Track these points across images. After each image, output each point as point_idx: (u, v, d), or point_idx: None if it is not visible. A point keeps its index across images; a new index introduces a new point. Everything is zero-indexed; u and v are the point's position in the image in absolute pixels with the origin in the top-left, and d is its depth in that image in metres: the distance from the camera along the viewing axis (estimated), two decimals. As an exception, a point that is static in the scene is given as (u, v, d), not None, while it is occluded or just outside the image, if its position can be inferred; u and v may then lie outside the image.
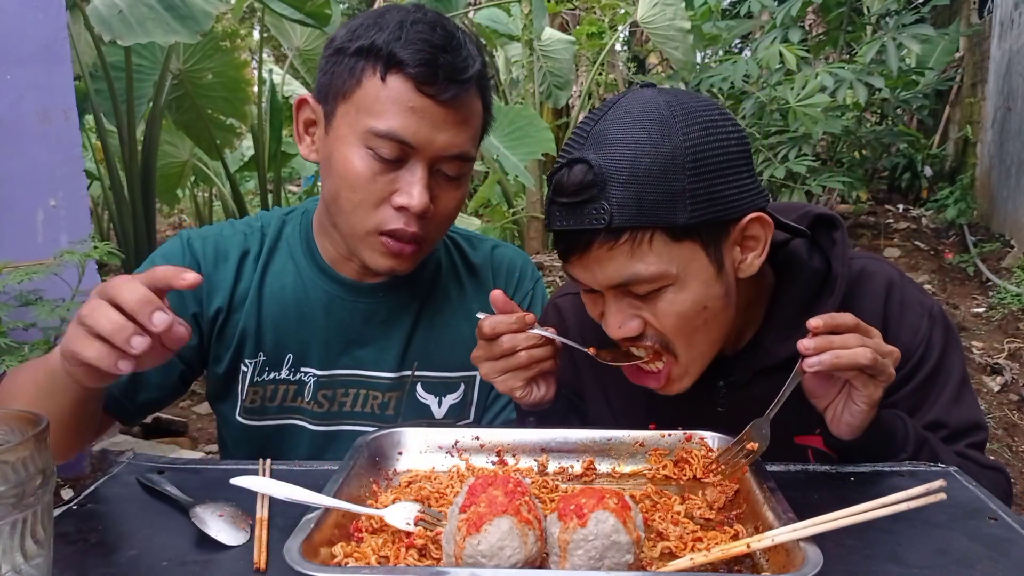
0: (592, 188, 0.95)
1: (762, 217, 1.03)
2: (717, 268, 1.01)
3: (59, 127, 2.61)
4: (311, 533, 0.76)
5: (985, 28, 7.33)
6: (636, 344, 1.05)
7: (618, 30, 7.81)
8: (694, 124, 0.97)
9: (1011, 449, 3.42)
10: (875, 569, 0.79)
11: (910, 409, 1.11)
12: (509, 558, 0.73)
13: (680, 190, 0.95)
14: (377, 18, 1.14)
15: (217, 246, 1.29)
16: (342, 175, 1.14)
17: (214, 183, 6.16)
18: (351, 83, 1.13)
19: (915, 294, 1.15)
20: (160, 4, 3.55)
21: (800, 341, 0.92)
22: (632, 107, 0.99)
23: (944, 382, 1.12)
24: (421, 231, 1.16)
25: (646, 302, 1.01)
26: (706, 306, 1.01)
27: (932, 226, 7.12)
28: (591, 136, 0.98)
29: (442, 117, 1.12)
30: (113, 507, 0.96)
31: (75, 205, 2.67)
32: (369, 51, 1.11)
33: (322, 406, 1.30)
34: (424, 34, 1.11)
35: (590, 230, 0.96)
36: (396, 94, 1.10)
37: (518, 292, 1.40)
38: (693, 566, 0.77)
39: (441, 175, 1.17)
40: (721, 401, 1.16)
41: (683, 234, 0.97)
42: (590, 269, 1.00)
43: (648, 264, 0.97)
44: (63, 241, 2.56)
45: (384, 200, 1.14)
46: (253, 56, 6.12)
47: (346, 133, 1.14)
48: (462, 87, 1.12)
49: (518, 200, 6.93)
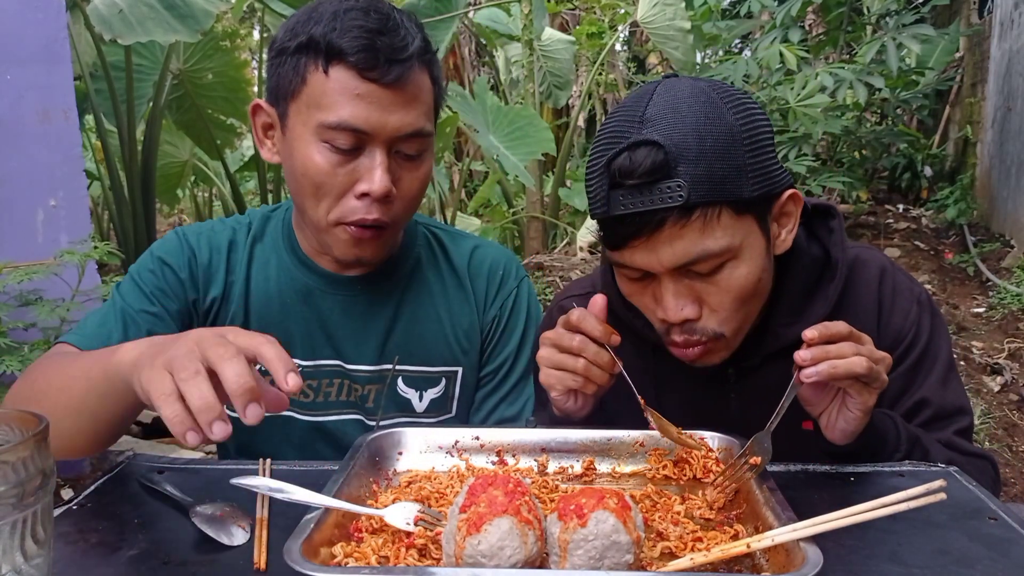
0: (664, 168, 0.95)
1: (795, 193, 1.07)
2: (767, 241, 1.05)
3: (59, 127, 2.61)
4: (311, 533, 0.76)
5: (985, 28, 7.33)
6: (689, 338, 1.05)
7: (618, 30, 7.82)
8: (738, 104, 1.01)
9: (1011, 449, 3.42)
10: (875, 569, 0.79)
11: (900, 390, 1.14)
12: (509, 558, 0.73)
13: (742, 165, 0.98)
14: (311, 12, 1.14)
15: (210, 240, 1.32)
16: (303, 172, 1.15)
17: (214, 183, 6.17)
18: (296, 81, 1.13)
19: (904, 281, 1.19)
20: (160, 3, 3.56)
21: (797, 353, 0.93)
22: (676, 92, 1.01)
23: (931, 365, 1.15)
24: (384, 216, 1.16)
25: (705, 281, 1.02)
26: (760, 278, 1.04)
27: (932, 226, 7.11)
28: (645, 120, 0.98)
29: (390, 99, 1.11)
30: (113, 507, 0.96)
31: (75, 205, 2.67)
32: (308, 46, 1.11)
33: (308, 396, 1.30)
34: (359, 20, 1.10)
35: (663, 209, 0.96)
36: (341, 84, 1.10)
37: (501, 291, 1.38)
38: (693, 566, 0.77)
39: (401, 156, 1.17)
40: (731, 387, 1.18)
41: (745, 208, 1.00)
42: (656, 251, 0.99)
43: (717, 239, 0.99)
44: (63, 241, 2.56)
45: (347, 190, 1.15)
46: (253, 56, 6.12)
47: (301, 131, 1.14)
48: (404, 66, 1.12)
49: (518, 200, 6.93)
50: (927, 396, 1.14)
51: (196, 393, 0.79)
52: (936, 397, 1.14)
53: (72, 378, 1.03)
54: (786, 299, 1.14)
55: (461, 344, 1.35)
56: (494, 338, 1.38)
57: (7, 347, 2.14)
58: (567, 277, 5.00)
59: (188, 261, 1.29)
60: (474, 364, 1.37)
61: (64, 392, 1.02)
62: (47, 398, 1.04)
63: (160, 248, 1.31)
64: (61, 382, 1.05)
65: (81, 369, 1.02)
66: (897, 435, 1.06)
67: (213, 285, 1.30)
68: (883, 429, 1.05)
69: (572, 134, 7.25)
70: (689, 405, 1.13)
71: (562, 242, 6.44)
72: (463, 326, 1.36)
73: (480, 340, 1.37)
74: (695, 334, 1.05)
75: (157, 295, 1.25)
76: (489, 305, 1.38)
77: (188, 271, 1.28)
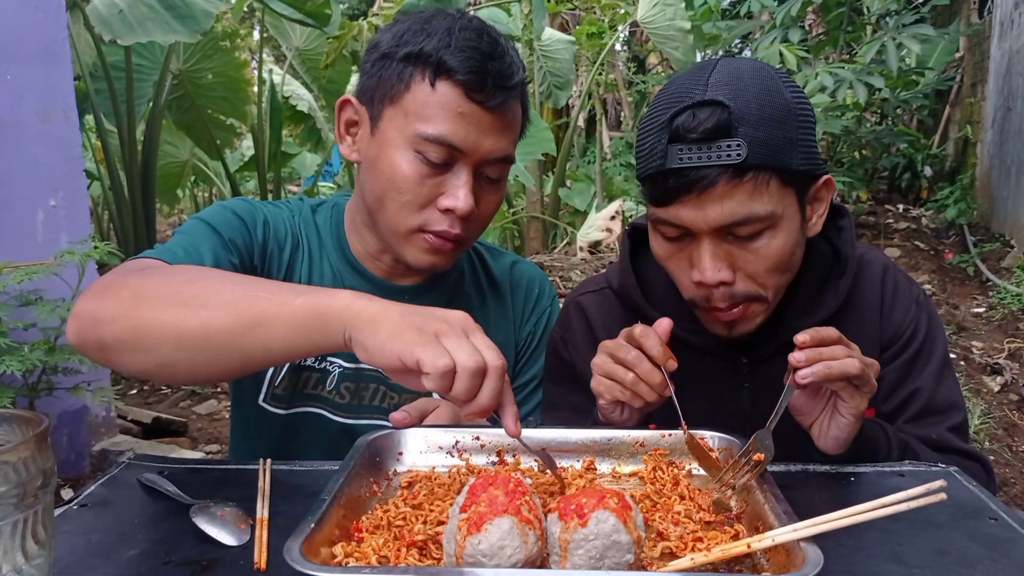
0: (727, 127, 1.00)
1: (830, 179, 1.12)
2: (803, 218, 1.09)
3: (59, 127, 2.61)
4: (311, 533, 0.76)
5: (985, 28, 7.33)
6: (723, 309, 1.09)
7: (618, 30, 7.81)
8: (791, 85, 1.07)
9: (1011, 449, 3.41)
10: (875, 569, 0.79)
11: (896, 382, 1.19)
12: (510, 557, 0.73)
13: (794, 138, 1.03)
14: (424, 24, 1.16)
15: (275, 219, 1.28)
16: (389, 176, 1.16)
17: (214, 183, 6.18)
18: (399, 88, 1.14)
19: (904, 281, 1.25)
20: (160, 4, 3.56)
21: (791, 355, 0.95)
22: (738, 65, 1.07)
23: (927, 360, 1.20)
24: (463, 232, 1.18)
25: (742, 247, 1.06)
26: (794, 252, 1.09)
27: (932, 226, 7.12)
28: (710, 84, 1.03)
29: (489, 122, 1.14)
30: (113, 507, 0.96)
31: (75, 205, 2.67)
32: (418, 57, 1.13)
33: (344, 397, 1.30)
34: (472, 41, 1.13)
35: (719, 166, 1.00)
36: (445, 100, 1.12)
37: (536, 308, 1.42)
38: (693, 566, 0.77)
39: (484, 178, 1.19)
40: (745, 377, 1.21)
41: (791, 180, 1.05)
42: (704, 208, 1.02)
43: (764, 204, 1.03)
44: (63, 241, 2.56)
45: (430, 202, 1.16)
46: (253, 56, 6.12)
47: (394, 136, 1.15)
48: (509, 93, 1.15)
49: (518, 200, 6.94)
50: (920, 387, 1.18)
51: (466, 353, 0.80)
52: (929, 390, 1.18)
53: (254, 296, 0.90)
54: (799, 291, 1.18)
55: None
56: (527, 353, 1.40)
57: (7, 347, 2.14)
58: (567, 277, 5.00)
59: (263, 226, 1.25)
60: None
61: (238, 305, 0.90)
62: (209, 306, 0.91)
63: (234, 205, 1.24)
64: (239, 294, 0.91)
65: (269, 291, 0.92)
66: (888, 443, 1.09)
67: (278, 265, 1.25)
68: (873, 437, 1.07)
69: (572, 134, 7.25)
70: (704, 395, 1.16)
71: (562, 242, 6.44)
72: (500, 341, 1.35)
73: (514, 355, 1.39)
74: (731, 299, 1.08)
75: (234, 247, 1.18)
76: (525, 321, 1.41)
77: (263, 236, 1.24)
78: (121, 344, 0.94)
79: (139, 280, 0.98)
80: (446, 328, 0.83)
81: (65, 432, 2.74)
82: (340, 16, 5.35)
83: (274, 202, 1.35)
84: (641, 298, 1.23)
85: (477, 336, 0.84)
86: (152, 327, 0.92)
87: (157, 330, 0.91)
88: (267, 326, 0.88)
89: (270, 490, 0.97)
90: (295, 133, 6.89)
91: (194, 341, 0.91)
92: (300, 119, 6.34)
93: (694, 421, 1.11)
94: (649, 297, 1.24)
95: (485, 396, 0.82)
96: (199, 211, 1.36)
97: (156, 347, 0.92)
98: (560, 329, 1.34)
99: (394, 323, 0.83)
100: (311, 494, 0.93)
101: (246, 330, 0.89)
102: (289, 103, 5.79)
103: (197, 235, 1.15)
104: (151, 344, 0.92)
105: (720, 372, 1.21)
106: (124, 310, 0.93)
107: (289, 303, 0.89)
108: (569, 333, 1.30)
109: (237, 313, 0.89)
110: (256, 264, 1.23)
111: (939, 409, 1.18)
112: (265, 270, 1.24)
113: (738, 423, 1.18)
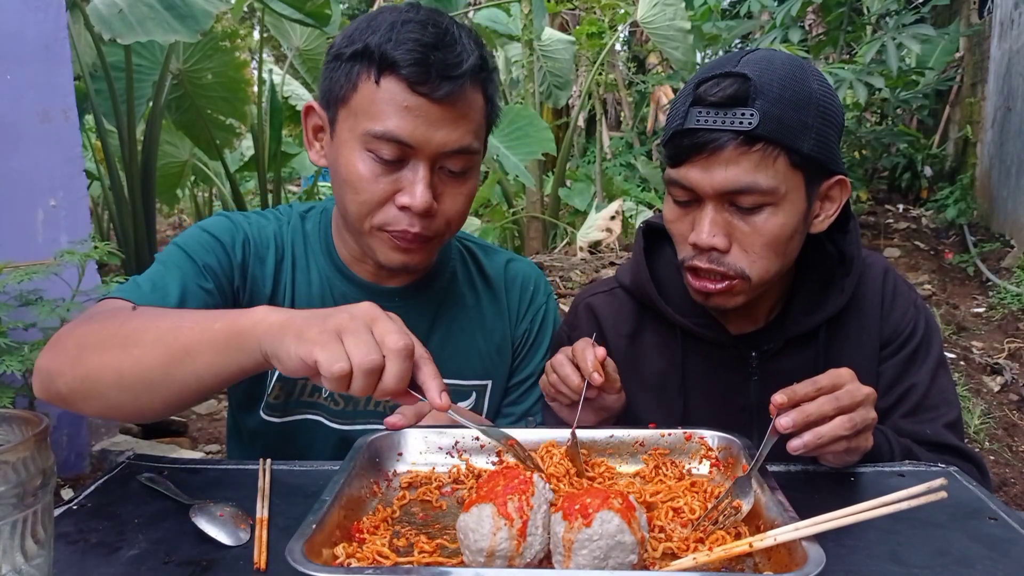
0: (745, 97, 1.04)
1: (844, 181, 1.15)
2: (807, 207, 1.12)
3: (59, 127, 2.61)
4: (313, 533, 0.76)
5: (985, 28, 7.33)
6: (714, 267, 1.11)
7: (618, 30, 7.80)
8: (824, 83, 1.11)
9: (1011, 449, 3.41)
10: (875, 569, 0.79)
11: (893, 378, 1.23)
12: (476, 542, 0.76)
13: (810, 124, 1.07)
14: (371, 21, 1.15)
15: (260, 232, 1.28)
16: (345, 178, 1.15)
17: (214, 183, 6.17)
18: (348, 88, 1.13)
19: (903, 284, 1.29)
20: (160, 3, 3.55)
21: (777, 420, 0.91)
22: (771, 54, 1.11)
23: (923, 359, 1.24)
24: (425, 231, 1.16)
25: (742, 219, 1.09)
26: (792, 236, 1.11)
27: (932, 226, 7.12)
28: (741, 62, 1.08)
29: (438, 115, 1.11)
30: (113, 507, 0.96)
31: (75, 205, 2.66)
32: (363, 55, 1.11)
33: (338, 403, 1.30)
34: (415, 33, 1.10)
35: (731, 131, 1.04)
36: (390, 95, 1.10)
37: (532, 305, 1.41)
38: (696, 565, 0.77)
39: (445, 172, 1.16)
40: (753, 371, 1.25)
41: (800, 163, 1.07)
42: (711, 171, 1.07)
43: (768, 178, 1.06)
44: (63, 241, 2.55)
45: (388, 200, 1.14)
46: (253, 56, 6.12)
47: (347, 137, 1.14)
48: (455, 83, 1.11)
49: (518, 200, 6.93)
50: (916, 383, 1.22)
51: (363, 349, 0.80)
52: (924, 386, 1.22)
53: (187, 327, 0.94)
54: (805, 288, 1.23)
55: (493, 358, 1.36)
56: (523, 351, 1.40)
57: (7, 347, 2.14)
58: (567, 277, 4.99)
59: (242, 245, 1.25)
60: (503, 377, 1.38)
61: (165, 338, 0.93)
62: (141, 344, 0.95)
63: (211, 226, 1.25)
64: (164, 328, 0.95)
65: (198, 323, 0.94)
66: (891, 450, 1.11)
67: (262, 280, 1.26)
68: (877, 445, 1.07)
69: (572, 134, 7.25)
70: (713, 389, 1.21)
71: (562, 242, 6.44)
72: (496, 340, 1.37)
73: (511, 353, 1.39)
74: (721, 266, 1.10)
75: (209, 271, 1.19)
76: (521, 319, 1.40)
77: (241, 255, 1.24)
78: (75, 394, 0.99)
79: (85, 329, 1.02)
80: (348, 323, 0.83)
81: (65, 432, 2.74)
82: (340, 16, 5.36)
83: (262, 212, 1.34)
84: (655, 292, 1.26)
85: (380, 324, 0.84)
86: (95, 374, 0.96)
87: (99, 376, 0.96)
88: (193, 355, 0.91)
89: (270, 490, 0.97)
90: (295, 133, 6.89)
91: (133, 380, 0.94)
92: (300, 119, 6.32)
93: (700, 417, 1.13)
94: (662, 293, 1.27)
95: (389, 380, 0.82)
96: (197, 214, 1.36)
97: (103, 392, 0.97)
98: (568, 328, 1.37)
99: (298, 327, 0.84)
100: (311, 494, 0.93)
101: (175, 362, 0.92)
102: (289, 103, 5.78)
103: (169, 264, 1.18)
104: (99, 390, 0.97)
105: (729, 366, 1.25)
106: (71, 361, 0.99)
107: (209, 328, 0.92)
108: (577, 332, 1.31)
109: (165, 346, 0.93)
110: (237, 285, 1.24)
111: (934, 405, 1.21)
112: (247, 288, 1.25)
113: (746, 417, 1.22)
